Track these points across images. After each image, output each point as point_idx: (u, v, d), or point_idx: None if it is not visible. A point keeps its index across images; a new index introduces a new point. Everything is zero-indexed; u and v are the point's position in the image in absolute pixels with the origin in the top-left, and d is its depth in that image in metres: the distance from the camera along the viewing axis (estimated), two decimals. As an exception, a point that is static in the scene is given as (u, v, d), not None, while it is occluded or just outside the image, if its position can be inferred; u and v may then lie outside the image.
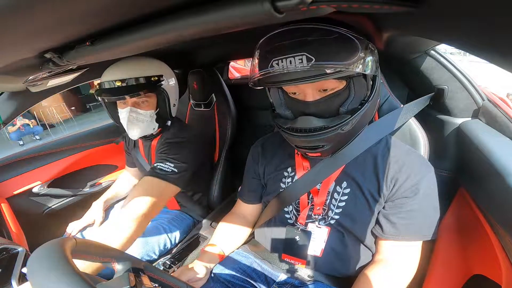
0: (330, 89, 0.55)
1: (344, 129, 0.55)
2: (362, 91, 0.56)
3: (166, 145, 0.97)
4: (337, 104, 0.56)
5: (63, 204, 1.42)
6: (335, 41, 0.48)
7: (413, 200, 0.60)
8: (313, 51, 0.46)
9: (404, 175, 0.60)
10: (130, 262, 0.44)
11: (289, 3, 0.27)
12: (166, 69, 1.00)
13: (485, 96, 0.75)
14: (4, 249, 0.71)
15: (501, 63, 0.33)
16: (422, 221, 0.61)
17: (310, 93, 0.55)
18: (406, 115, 0.72)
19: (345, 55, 0.48)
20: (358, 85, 0.55)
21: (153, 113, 0.94)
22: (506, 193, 0.51)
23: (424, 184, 0.59)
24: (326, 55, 0.47)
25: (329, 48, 0.48)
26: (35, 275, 0.31)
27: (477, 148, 0.63)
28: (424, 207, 0.60)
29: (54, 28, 0.38)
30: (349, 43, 0.49)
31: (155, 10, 0.36)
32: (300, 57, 0.47)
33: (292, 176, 0.72)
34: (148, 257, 1.04)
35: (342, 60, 0.47)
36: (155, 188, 0.86)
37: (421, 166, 0.61)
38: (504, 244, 0.53)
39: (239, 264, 0.77)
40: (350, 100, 0.56)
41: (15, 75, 0.68)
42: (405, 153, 0.63)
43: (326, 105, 0.56)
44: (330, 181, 0.67)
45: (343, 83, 0.55)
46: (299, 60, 0.47)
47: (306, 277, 0.70)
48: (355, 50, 0.49)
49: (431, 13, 0.36)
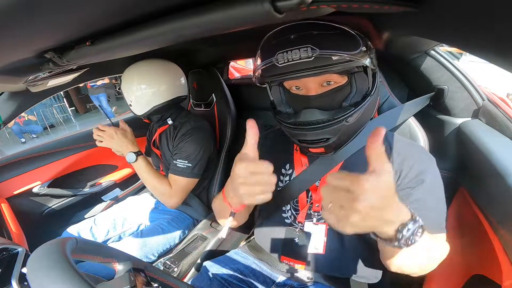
0: (333, 82, 0.56)
1: (349, 121, 0.56)
2: (364, 85, 0.57)
3: (180, 141, 1.07)
4: (339, 99, 0.57)
5: (63, 204, 1.42)
6: (338, 35, 0.51)
7: (417, 190, 0.58)
8: (317, 43, 0.48)
9: (407, 167, 0.59)
10: (130, 262, 0.44)
11: (289, 3, 0.27)
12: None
13: (485, 96, 0.75)
14: (4, 249, 0.71)
15: (501, 63, 0.33)
16: (428, 212, 0.57)
17: (313, 87, 0.56)
18: (406, 114, 0.72)
19: (348, 46, 0.51)
20: (360, 80, 0.57)
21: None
22: (506, 193, 0.51)
23: (428, 174, 0.58)
24: (331, 45, 0.49)
25: (333, 41, 0.50)
26: (35, 275, 0.31)
27: (477, 148, 0.63)
28: (430, 198, 0.58)
29: (54, 28, 0.38)
30: (351, 38, 0.52)
31: (155, 10, 0.36)
32: (305, 48, 0.48)
33: (290, 174, 0.71)
34: (147, 258, 1.04)
35: (346, 51, 0.50)
36: (177, 183, 1.06)
37: (424, 157, 0.61)
38: (504, 244, 0.53)
39: (237, 264, 0.77)
40: (353, 94, 0.57)
41: (15, 75, 0.68)
42: (407, 146, 0.63)
43: (329, 99, 0.57)
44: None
45: (345, 78, 0.56)
46: (304, 51, 0.48)
47: (306, 278, 0.70)
48: (358, 44, 0.52)
49: (431, 13, 0.37)
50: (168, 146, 1.14)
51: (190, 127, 1.09)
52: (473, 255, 0.64)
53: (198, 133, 1.09)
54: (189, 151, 1.05)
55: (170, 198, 1.07)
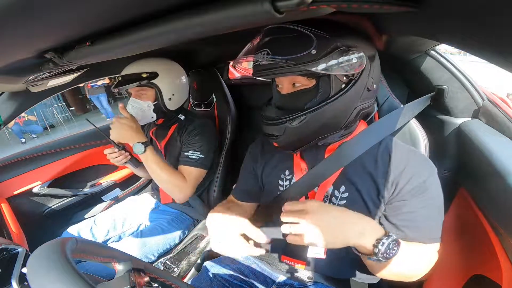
0: (299, 84, 0.58)
1: (292, 124, 0.57)
2: (326, 91, 0.57)
3: (190, 135, 1.11)
4: (303, 101, 0.58)
5: (63, 204, 1.42)
6: (291, 38, 0.53)
7: (412, 203, 0.58)
8: (271, 47, 0.53)
9: (405, 178, 0.59)
10: (131, 262, 0.44)
11: (289, 3, 0.27)
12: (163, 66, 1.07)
13: (485, 96, 0.75)
14: (4, 249, 0.71)
15: (501, 63, 0.33)
16: (424, 223, 0.59)
17: (285, 87, 0.61)
18: (406, 116, 0.71)
19: (296, 50, 0.52)
20: (324, 85, 0.56)
21: (150, 104, 1.05)
22: (506, 193, 0.51)
23: (427, 186, 0.58)
24: (280, 50, 0.52)
25: (284, 45, 0.53)
26: (35, 275, 0.31)
27: (477, 148, 0.63)
28: (425, 210, 0.58)
29: (54, 28, 0.38)
30: (304, 40, 0.52)
31: (155, 10, 0.36)
32: (264, 52, 0.54)
33: (290, 179, 0.71)
34: (147, 258, 1.04)
35: (292, 55, 0.52)
36: (190, 174, 1.09)
37: (424, 167, 0.60)
38: (504, 244, 0.53)
39: (238, 264, 0.77)
40: (317, 98, 0.57)
41: (15, 75, 0.68)
42: (407, 154, 0.62)
43: (292, 99, 0.60)
44: (328, 185, 0.65)
45: (312, 81, 0.57)
46: (262, 55, 0.54)
47: (306, 278, 0.70)
48: (308, 47, 0.51)
49: (431, 13, 0.37)
50: (177, 142, 1.15)
51: (199, 122, 1.13)
52: (473, 255, 0.64)
53: (208, 128, 1.15)
54: (201, 143, 1.09)
55: (183, 191, 1.06)
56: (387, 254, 0.50)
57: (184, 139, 1.12)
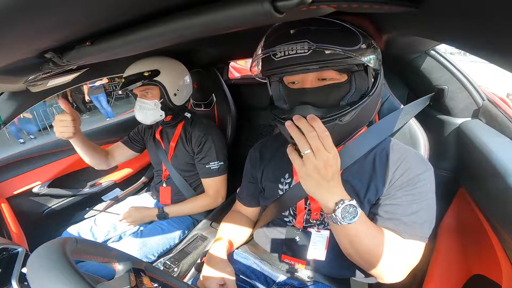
0: (328, 78, 0.55)
1: (343, 120, 0.54)
2: (363, 85, 0.56)
3: (201, 144, 1.14)
4: (337, 97, 0.55)
5: (63, 204, 1.42)
6: (336, 31, 0.50)
7: (400, 196, 0.58)
8: (314, 38, 0.48)
9: (398, 174, 0.59)
10: (130, 262, 0.44)
11: (289, 3, 0.26)
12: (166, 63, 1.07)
13: (485, 96, 0.75)
14: (4, 249, 0.71)
15: (501, 63, 0.33)
16: (408, 218, 0.56)
17: (308, 81, 0.55)
18: (406, 116, 0.71)
19: (347, 42, 0.49)
20: (360, 79, 0.55)
21: (157, 102, 1.05)
22: (506, 193, 0.51)
23: (419, 182, 0.57)
24: (328, 41, 0.48)
25: (331, 36, 0.49)
26: (35, 275, 0.31)
27: (477, 148, 0.63)
28: (411, 206, 0.57)
29: (54, 28, 0.38)
30: (351, 34, 0.50)
31: (155, 10, 0.36)
32: (302, 43, 0.48)
33: (289, 182, 0.71)
34: (147, 258, 1.04)
35: (344, 47, 0.49)
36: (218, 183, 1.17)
37: (419, 163, 0.60)
38: (504, 244, 0.53)
39: (238, 264, 0.77)
40: (351, 93, 0.55)
41: (15, 75, 0.68)
42: (404, 153, 0.62)
43: (324, 94, 0.55)
44: None
45: (344, 76, 0.55)
46: (300, 45, 0.49)
47: (306, 278, 0.70)
48: (357, 41, 0.50)
49: (431, 13, 0.36)
50: (184, 147, 1.17)
51: (204, 127, 1.16)
52: (473, 255, 0.63)
53: (214, 131, 1.18)
54: (216, 150, 1.13)
55: (213, 202, 1.16)
56: (344, 217, 0.51)
57: (194, 147, 1.15)
